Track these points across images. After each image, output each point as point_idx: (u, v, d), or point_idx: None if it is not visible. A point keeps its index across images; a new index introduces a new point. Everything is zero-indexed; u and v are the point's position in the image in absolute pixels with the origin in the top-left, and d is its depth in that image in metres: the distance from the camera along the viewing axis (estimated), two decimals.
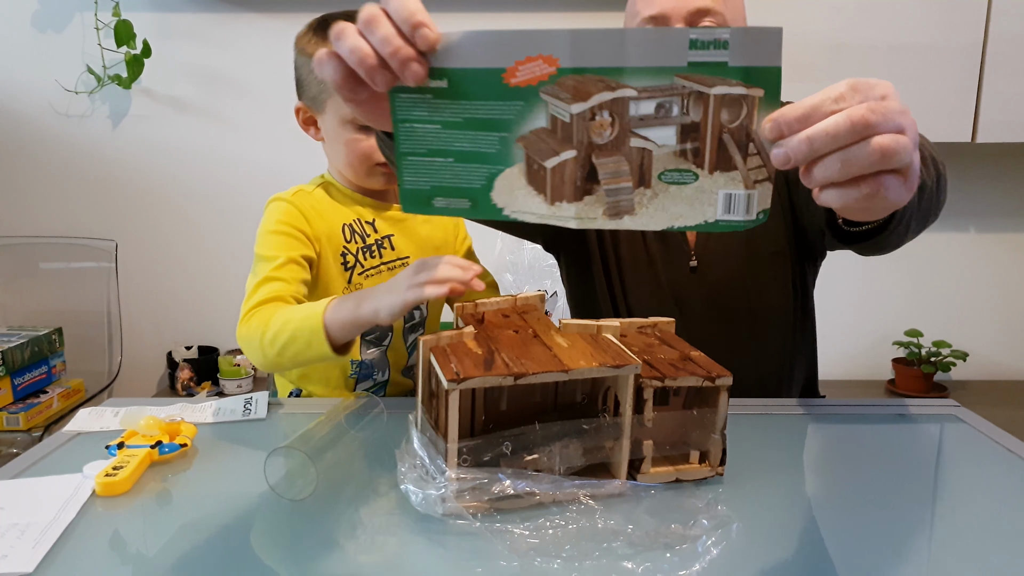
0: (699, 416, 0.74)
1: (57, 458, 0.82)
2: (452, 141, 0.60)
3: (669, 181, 0.58)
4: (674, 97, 0.55)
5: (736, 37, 0.53)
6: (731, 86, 0.54)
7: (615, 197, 0.59)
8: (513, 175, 0.61)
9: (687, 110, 0.56)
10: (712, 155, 0.56)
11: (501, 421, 0.73)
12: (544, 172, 0.60)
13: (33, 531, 0.65)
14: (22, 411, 1.82)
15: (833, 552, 0.63)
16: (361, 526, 0.67)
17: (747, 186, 0.56)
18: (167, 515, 0.69)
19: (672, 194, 0.58)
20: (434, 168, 0.62)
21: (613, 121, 0.57)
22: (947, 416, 0.95)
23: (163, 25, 2.09)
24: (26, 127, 2.14)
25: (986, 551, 0.63)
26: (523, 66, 0.57)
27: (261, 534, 0.67)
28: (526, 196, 0.61)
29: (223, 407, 0.95)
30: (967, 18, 1.76)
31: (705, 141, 0.56)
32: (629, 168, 0.58)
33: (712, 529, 0.64)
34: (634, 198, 0.59)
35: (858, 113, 0.48)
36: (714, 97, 0.55)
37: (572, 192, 0.60)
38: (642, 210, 0.59)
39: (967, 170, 2.15)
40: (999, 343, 2.26)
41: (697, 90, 0.55)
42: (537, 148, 0.59)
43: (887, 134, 0.49)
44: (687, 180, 0.57)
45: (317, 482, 0.73)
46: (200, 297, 2.24)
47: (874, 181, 0.50)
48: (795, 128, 0.50)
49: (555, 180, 0.60)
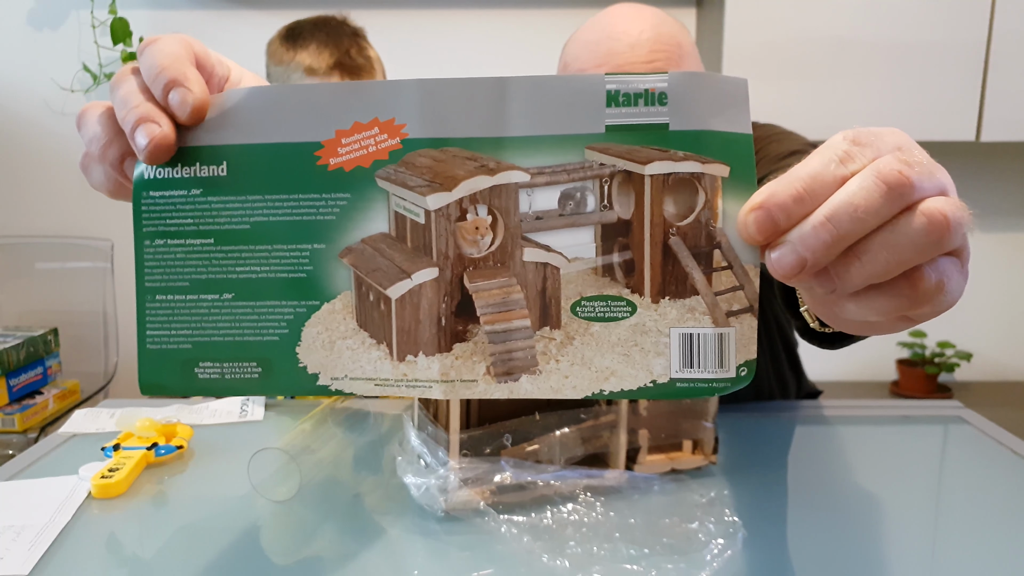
0: (691, 405, 0.74)
1: (53, 460, 0.81)
2: (232, 264, 0.39)
3: (589, 316, 0.38)
4: (588, 181, 0.37)
5: (680, 86, 0.36)
6: (676, 161, 0.36)
7: (503, 344, 0.38)
8: (333, 315, 0.39)
9: (609, 201, 0.38)
10: (655, 271, 0.37)
11: (498, 412, 0.73)
12: (386, 306, 0.39)
13: (29, 533, 0.64)
14: (17, 412, 1.81)
15: (835, 555, 0.62)
16: (360, 524, 0.67)
17: (716, 321, 0.36)
18: (164, 517, 0.69)
19: (596, 337, 0.38)
20: (200, 312, 0.39)
21: (495, 221, 0.38)
22: (951, 418, 0.95)
23: (159, 22, 2.08)
24: (21, 126, 2.13)
25: (990, 554, 0.62)
26: (349, 138, 0.38)
27: (259, 535, 0.66)
28: (356, 350, 0.39)
29: (219, 409, 0.94)
30: (971, 15, 1.76)
31: (643, 249, 0.37)
32: (524, 296, 0.38)
33: (717, 534, 0.64)
34: (536, 345, 0.38)
35: (890, 170, 0.31)
36: (651, 179, 0.37)
37: (434, 339, 0.39)
38: (550, 364, 0.38)
39: (971, 169, 2.15)
40: (1004, 344, 2.25)
41: (623, 169, 0.37)
42: (373, 267, 0.38)
43: (934, 198, 0.33)
44: (618, 314, 0.38)
45: (301, 482, 0.72)
46: None
47: (932, 271, 0.32)
48: (795, 213, 0.32)
49: (404, 319, 0.39)
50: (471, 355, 0.39)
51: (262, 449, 0.72)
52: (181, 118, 0.37)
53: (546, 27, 2.11)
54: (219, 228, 0.39)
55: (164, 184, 0.39)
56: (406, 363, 0.39)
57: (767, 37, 1.79)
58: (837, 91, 1.78)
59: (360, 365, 0.39)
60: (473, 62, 2.12)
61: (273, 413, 0.94)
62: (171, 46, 0.37)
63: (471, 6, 2.09)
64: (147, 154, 0.36)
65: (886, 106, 1.79)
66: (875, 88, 1.78)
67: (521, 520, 0.65)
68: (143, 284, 0.40)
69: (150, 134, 0.36)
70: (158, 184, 0.39)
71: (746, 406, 0.96)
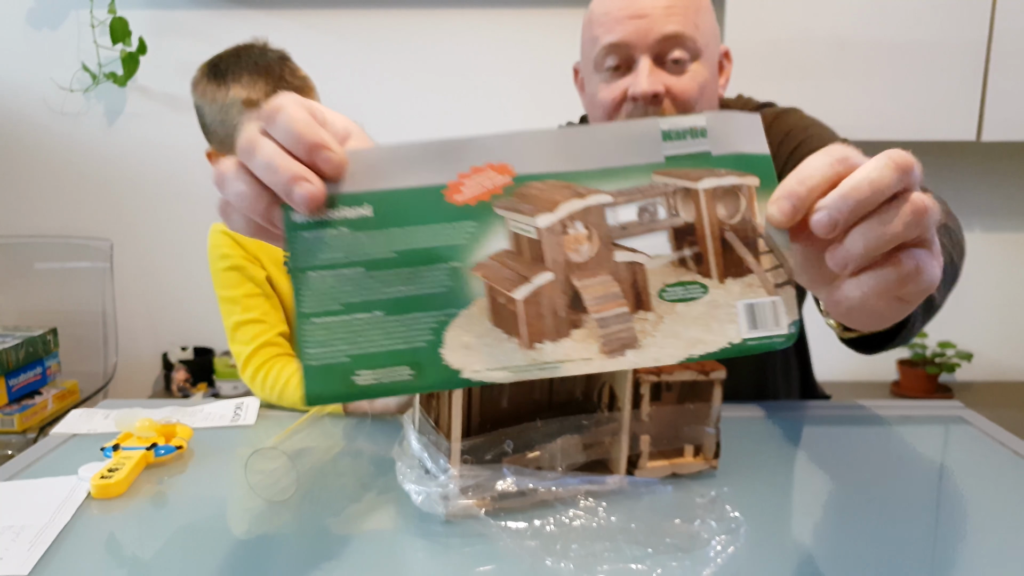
0: (694, 410, 0.74)
1: (52, 460, 0.81)
2: (381, 286, 0.46)
3: (673, 299, 0.48)
4: (657, 198, 0.48)
5: (715, 123, 0.47)
6: (720, 177, 0.47)
7: (609, 328, 0.48)
8: (471, 319, 0.47)
9: (676, 211, 0.48)
10: (718, 259, 0.48)
11: (500, 419, 0.72)
12: (514, 306, 0.48)
13: (28, 533, 0.64)
14: (17, 412, 1.81)
15: (837, 553, 0.62)
16: (360, 527, 0.67)
17: (768, 291, 0.47)
18: (163, 517, 0.68)
19: (681, 314, 0.48)
20: (354, 329, 0.46)
21: (590, 233, 0.48)
22: (952, 418, 0.95)
23: (159, 22, 2.08)
24: (20, 125, 2.13)
25: (991, 554, 0.62)
26: (468, 179, 0.47)
27: (258, 536, 0.66)
28: (493, 346, 0.47)
29: (213, 412, 0.94)
30: (972, 15, 1.76)
31: (706, 244, 0.48)
32: (620, 288, 0.48)
33: (720, 531, 0.64)
34: (634, 325, 0.48)
35: (900, 156, 0.40)
36: (704, 192, 0.47)
37: (555, 327, 0.48)
38: (648, 339, 0.48)
39: (972, 169, 2.15)
40: (1004, 344, 2.26)
41: (683, 186, 0.47)
42: (501, 276, 0.47)
43: (918, 192, 0.41)
44: (695, 294, 0.48)
45: (298, 483, 0.72)
46: (196, 298, 2.22)
47: (909, 257, 0.41)
48: (806, 197, 0.42)
49: (530, 315, 0.47)
50: (586, 338, 0.48)
51: (260, 448, 0.72)
52: (327, 175, 0.44)
53: (545, 28, 2.11)
54: (368, 258, 0.46)
55: (315, 226, 0.46)
56: (535, 350, 0.47)
57: (767, 37, 1.79)
58: (837, 91, 1.78)
59: (496, 357, 0.47)
60: (472, 63, 2.12)
61: (263, 419, 0.94)
62: (299, 112, 0.43)
63: (471, 7, 2.09)
64: (305, 207, 0.43)
65: (887, 106, 1.79)
66: (876, 88, 1.78)
67: (522, 525, 0.65)
68: (301, 310, 0.46)
69: (307, 191, 0.43)
70: (309, 226, 0.46)
71: (747, 406, 0.96)
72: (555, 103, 2.13)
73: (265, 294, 1.02)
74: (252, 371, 0.99)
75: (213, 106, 0.99)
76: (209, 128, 1.03)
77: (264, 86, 0.96)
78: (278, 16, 2.08)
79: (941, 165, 2.12)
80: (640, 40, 0.85)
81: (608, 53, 0.87)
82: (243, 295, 1.01)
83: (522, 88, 2.14)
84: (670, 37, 0.85)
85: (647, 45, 0.85)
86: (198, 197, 2.17)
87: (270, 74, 0.97)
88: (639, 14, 0.84)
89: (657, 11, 0.84)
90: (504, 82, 2.13)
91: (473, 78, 2.13)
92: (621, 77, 0.88)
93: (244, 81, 0.97)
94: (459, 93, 2.14)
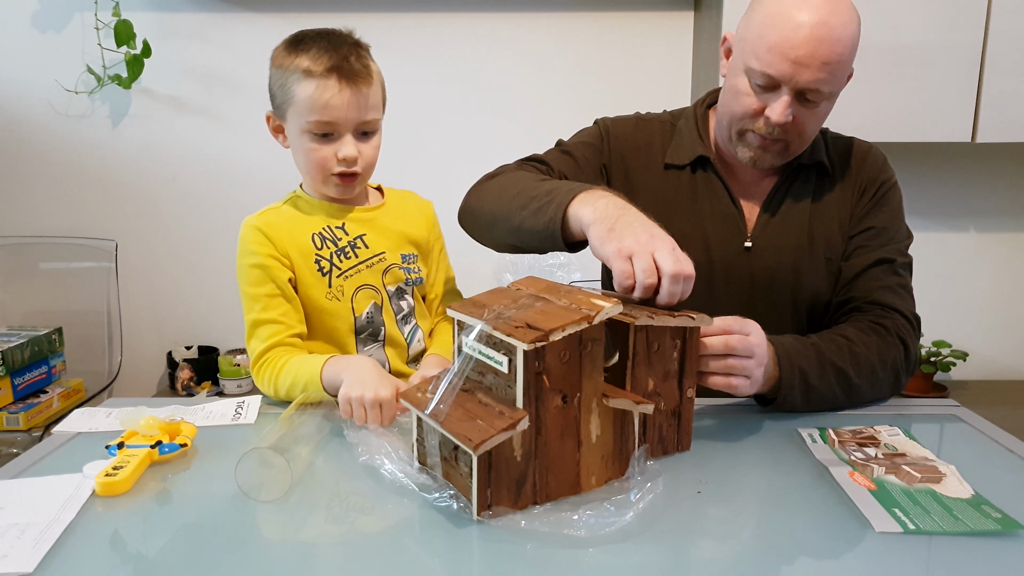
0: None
1: (57, 458, 0.82)
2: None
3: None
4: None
5: None
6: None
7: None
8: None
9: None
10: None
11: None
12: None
13: (33, 531, 0.65)
14: (22, 411, 1.82)
15: (839, 548, 0.63)
16: (360, 527, 0.67)
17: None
18: (167, 515, 0.69)
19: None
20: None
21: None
22: (947, 416, 0.96)
23: (163, 25, 2.09)
24: (26, 127, 2.14)
25: (987, 552, 0.63)
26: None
27: (261, 534, 0.67)
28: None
29: (214, 411, 0.95)
30: (967, 17, 1.76)
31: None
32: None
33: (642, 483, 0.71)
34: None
35: (735, 338, 0.85)
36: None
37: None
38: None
39: (967, 170, 2.15)
40: (999, 343, 2.26)
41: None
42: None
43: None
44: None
45: (292, 484, 0.73)
46: (200, 297, 2.24)
47: (734, 378, 0.85)
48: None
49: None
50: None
51: (251, 450, 0.72)
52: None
53: (547, 28, 2.11)
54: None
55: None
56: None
57: None
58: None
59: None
60: (473, 64, 2.12)
61: (264, 417, 0.95)
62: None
63: (473, 9, 2.10)
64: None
65: (882, 107, 1.79)
66: (872, 90, 1.78)
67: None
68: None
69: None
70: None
71: (747, 404, 0.97)
72: (558, 104, 2.14)
73: (286, 296, 1.04)
74: (259, 368, 1.02)
75: (279, 71, 1.02)
76: (272, 92, 1.07)
77: (327, 61, 1.00)
78: (282, 20, 2.09)
79: (936, 166, 2.12)
80: (789, 81, 0.96)
81: (762, 76, 0.98)
82: (264, 294, 1.03)
83: (531, 92, 2.14)
84: (813, 90, 0.96)
85: (793, 85, 0.96)
86: (201, 197, 2.18)
87: (337, 52, 1.01)
88: (800, 61, 0.95)
89: (815, 63, 0.94)
90: (509, 83, 2.14)
91: (476, 80, 2.13)
92: (764, 93, 1.00)
93: (312, 53, 1.01)
94: (463, 96, 2.14)
